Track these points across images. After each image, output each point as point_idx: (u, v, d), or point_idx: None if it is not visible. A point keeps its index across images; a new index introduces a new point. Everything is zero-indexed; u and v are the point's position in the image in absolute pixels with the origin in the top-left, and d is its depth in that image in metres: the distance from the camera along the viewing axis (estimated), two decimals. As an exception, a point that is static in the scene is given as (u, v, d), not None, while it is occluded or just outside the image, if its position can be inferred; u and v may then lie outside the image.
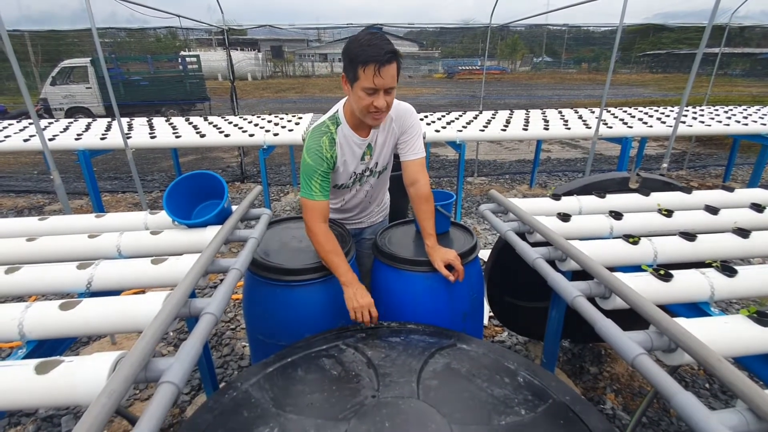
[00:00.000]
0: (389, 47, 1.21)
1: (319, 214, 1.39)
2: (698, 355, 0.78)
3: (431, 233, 1.43)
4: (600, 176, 1.97)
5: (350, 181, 1.56)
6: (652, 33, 26.27)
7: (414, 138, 1.50)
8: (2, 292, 1.15)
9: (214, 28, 5.94)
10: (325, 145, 1.40)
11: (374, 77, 1.21)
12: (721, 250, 1.35)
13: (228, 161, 7.23)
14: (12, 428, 1.92)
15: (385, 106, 1.28)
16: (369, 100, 1.26)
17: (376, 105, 1.27)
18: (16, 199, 5.34)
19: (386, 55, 1.19)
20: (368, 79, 1.22)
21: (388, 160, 1.60)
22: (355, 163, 1.50)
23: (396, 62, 1.24)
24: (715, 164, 6.62)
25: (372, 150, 1.51)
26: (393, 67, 1.23)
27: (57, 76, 10.04)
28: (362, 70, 1.21)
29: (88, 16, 2.95)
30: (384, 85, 1.23)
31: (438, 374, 1.02)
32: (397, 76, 1.27)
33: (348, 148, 1.46)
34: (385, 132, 1.49)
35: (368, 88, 1.24)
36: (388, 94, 1.27)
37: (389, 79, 1.23)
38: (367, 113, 1.31)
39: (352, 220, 1.78)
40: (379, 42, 1.20)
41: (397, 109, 1.48)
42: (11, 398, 0.75)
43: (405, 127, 1.49)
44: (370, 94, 1.26)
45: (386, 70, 1.21)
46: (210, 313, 0.95)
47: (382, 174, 1.63)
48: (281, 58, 32.91)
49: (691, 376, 2.19)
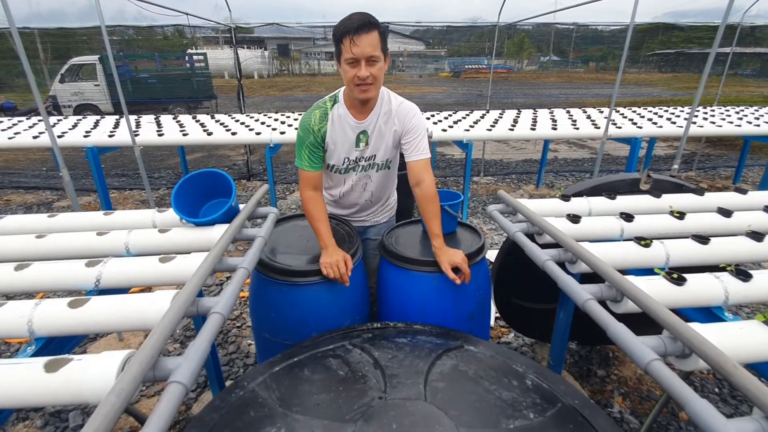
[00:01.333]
0: (365, 18, 1.26)
1: (309, 182, 1.49)
2: (714, 362, 0.77)
3: (438, 234, 1.42)
4: (610, 177, 1.95)
5: (343, 166, 1.56)
6: (662, 32, 25.98)
7: (418, 138, 1.49)
8: (12, 289, 1.16)
9: (222, 26, 5.96)
10: (315, 118, 1.47)
11: (351, 47, 1.26)
12: (735, 253, 1.32)
13: (234, 159, 7.25)
14: (20, 423, 1.94)
15: (369, 77, 1.31)
16: (352, 71, 1.31)
17: (358, 75, 1.30)
18: (25, 195, 5.39)
19: (360, 25, 1.25)
20: (347, 50, 1.28)
21: (391, 156, 1.59)
22: (347, 146, 1.51)
23: (374, 32, 1.27)
24: (725, 165, 6.54)
25: (368, 138, 1.51)
26: (370, 36, 1.26)
27: (66, 74, 10.12)
28: (342, 44, 1.28)
29: (97, 13, 2.96)
30: (362, 53, 1.27)
31: (445, 376, 1.01)
32: (381, 47, 1.30)
33: (339, 127, 1.48)
34: (383, 121, 1.49)
35: (348, 59, 1.29)
36: (370, 64, 1.30)
37: (367, 47, 1.27)
38: (354, 86, 1.34)
39: (354, 217, 1.76)
40: (355, 16, 1.28)
41: (399, 106, 1.49)
42: (20, 396, 0.76)
43: (408, 127, 1.48)
44: (352, 66, 1.30)
45: (361, 39, 1.25)
46: (218, 312, 0.95)
47: (383, 170, 1.61)
48: (288, 56, 32.96)
49: (701, 380, 2.17)
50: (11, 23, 2.20)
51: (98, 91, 10.21)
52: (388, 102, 1.49)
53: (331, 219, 1.61)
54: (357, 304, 1.51)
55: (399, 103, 1.49)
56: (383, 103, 1.48)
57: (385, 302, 1.55)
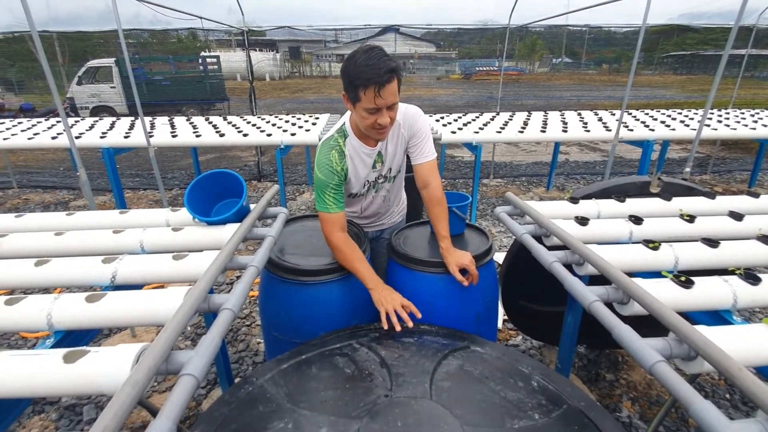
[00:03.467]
0: (388, 65, 1.19)
1: (336, 224, 1.40)
2: (719, 364, 0.77)
3: (445, 235, 1.42)
4: (620, 180, 1.94)
5: (364, 189, 1.58)
6: (676, 34, 25.60)
7: (423, 141, 1.49)
8: (32, 284, 1.20)
9: (235, 29, 6.05)
10: (335, 159, 1.41)
11: (375, 98, 1.21)
12: (745, 257, 1.31)
13: (245, 160, 7.34)
14: (36, 416, 1.99)
15: (389, 122, 1.29)
16: (372, 118, 1.27)
17: (379, 122, 1.28)
18: (43, 194, 5.53)
19: (385, 75, 1.18)
20: (369, 100, 1.22)
21: (401, 163, 1.60)
22: (366, 172, 1.51)
23: (396, 78, 1.22)
24: (740, 169, 6.42)
25: (383, 158, 1.52)
26: (393, 84, 1.22)
27: (83, 76, 10.36)
28: (363, 92, 1.21)
29: (114, 17, 3.03)
30: (386, 104, 1.24)
31: (451, 376, 1.03)
32: (398, 89, 1.26)
33: (358, 159, 1.47)
34: (394, 139, 1.49)
35: (370, 109, 1.24)
36: (390, 110, 1.27)
37: (390, 97, 1.23)
38: (372, 130, 1.32)
39: (373, 225, 1.79)
40: (376, 62, 1.18)
41: (405, 114, 1.47)
42: (41, 385, 0.79)
43: (413, 131, 1.48)
44: (372, 113, 1.26)
45: (386, 90, 1.20)
46: (228, 308, 0.98)
47: (396, 177, 1.65)
48: (299, 58, 33.22)
49: (711, 386, 2.14)
50: (32, 27, 2.27)
51: (114, 93, 10.42)
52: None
53: None
54: (364, 304, 1.52)
55: (403, 111, 1.46)
56: None
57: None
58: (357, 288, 1.42)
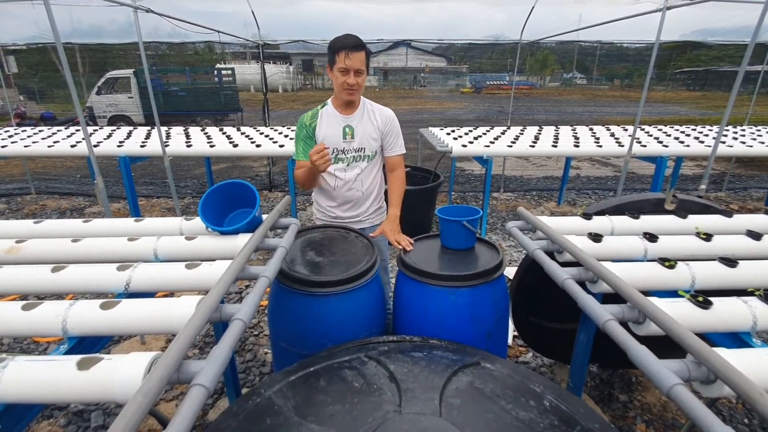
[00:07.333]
0: (357, 40, 1.65)
1: (301, 167, 1.82)
2: (739, 388, 0.75)
3: (395, 204, 1.87)
4: (634, 196, 1.92)
5: (333, 155, 1.84)
6: (690, 50, 25.47)
7: (395, 137, 1.91)
8: (49, 289, 1.22)
9: (250, 42, 6.18)
10: (308, 117, 1.86)
11: (345, 59, 1.64)
12: (765, 278, 1.28)
13: (257, 170, 7.42)
14: (45, 421, 2.00)
15: (356, 84, 1.69)
16: (343, 78, 1.67)
17: (348, 82, 1.68)
18: (59, 200, 5.64)
19: (355, 45, 1.63)
20: (341, 61, 1.64)
21: (375, 149, 1.89)
22: (336, 137, 1.83)
23: (363, 51, 1.65)
24: (756, 186, 6.31)
25: (353, 131, 1.83)
26: (361, 54, 1.65)
27: (102, 86, 10.65)
28: (337, 55, 1.65)
29: (135, 30, 3.13)
30: (353, 66, 1.65)
31: (461, 393, 1.01)
32: (366, 63, 1.69)
33: (327, 122, 1.83)
34: (365, 118, 1.85)
35: (341, 68, 1.66)
36: (357, 75, 1.68)
37: (357, 62, 1.65)
38: (343, 90, 1.71)
39: (354, 219, 1.97)
40: (350, 37, 1.65)
41: (381, 109, 1.89)
42: (54, 392, 0.80)
43: (388, 128, 1.88)
44: (343, 74, 1.67)
45: (354, 55, 1.64)
46: (240, 319, 0.98)
47: (373, 160, 1.91)
48: (311, 71, 33.74)
49: (729, 409, 2.07)
50: (57, 39, 2.35)
51: (131, 103, 10.69)
52: (369, 104, 1.88)
53: (343, 230, 1.81)
54: (374, 317, 1.52)
55: (380, 107, 1.89)
56: (365, 106, 1.87)
57: (401, 316, 1.55)
58: (367, 301, 1.42)
